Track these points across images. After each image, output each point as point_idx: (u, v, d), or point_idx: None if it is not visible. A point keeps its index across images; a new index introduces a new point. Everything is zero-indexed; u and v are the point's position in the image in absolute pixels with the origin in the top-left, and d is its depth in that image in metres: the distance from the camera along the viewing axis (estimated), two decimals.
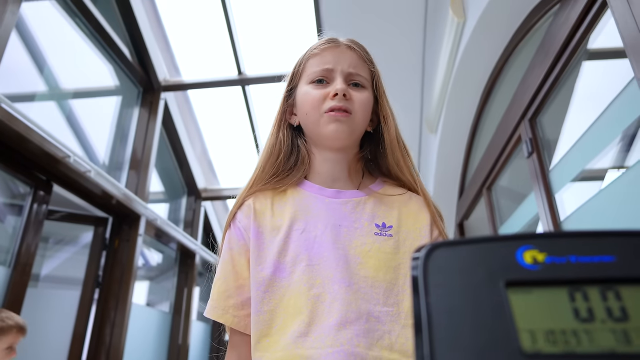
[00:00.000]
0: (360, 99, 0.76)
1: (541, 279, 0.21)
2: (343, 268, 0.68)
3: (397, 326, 0.66)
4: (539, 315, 0.20)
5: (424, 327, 0.21)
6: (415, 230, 0.75)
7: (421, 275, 0.23)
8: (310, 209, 0.75)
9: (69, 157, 2.41)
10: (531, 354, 0.19)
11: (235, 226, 0.77)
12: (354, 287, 0.67)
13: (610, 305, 0.20)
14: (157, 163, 3.75)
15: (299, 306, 0.67)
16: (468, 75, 2.49)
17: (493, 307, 0.21)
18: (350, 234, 0.72)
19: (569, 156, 1.65)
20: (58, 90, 2.90)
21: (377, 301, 0.67)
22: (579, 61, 1.59)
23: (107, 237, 3.09)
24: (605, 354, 0.19)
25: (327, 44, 0.80)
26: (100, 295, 2.95)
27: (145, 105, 3.63)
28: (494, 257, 0.23)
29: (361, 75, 0.79)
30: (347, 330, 0.63)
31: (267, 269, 0.71)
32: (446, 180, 3.23)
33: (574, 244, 0.22)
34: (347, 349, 0.62)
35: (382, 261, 0.70)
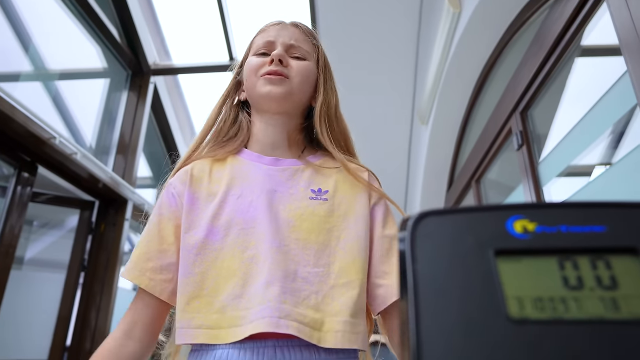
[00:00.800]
0: (298, 66, 0.79)
1: (531, 248, 0.21)
2: (275, 230, 0.70)
3: (325, 286, 0.68)
4: (528, 283, 0.20)
5: (409, 294, 0.20)
6: (352, 195, 0.76)
7: (409, 243, 0.22)
8: (248, 175, 0.77)
9: (55, 139, 2.37)
10: (518, 320, 0.19)
11: (169, 191, 0.78)
12: (284, 248, 0.69)
13: (600, 274, 0.20)
14: (145, 148, 3.71)
15: (233, 269, 0.69)
16: (461, 67, 2.49)
17: (481, 275, 0.20)
18: (285, 199, 0.74)
19: (558, 150, 1.66)
20: (44, 71, 2.84)
21: (307, 262, 0.69)
22: (571, 56, 1.60)
23: (93, 221, 3.05)
24: (593, 320, 0.18)
25: (275, 23, 0.85)
26: (86, 279, 2.93)
27: (134, 88, 3.57)
28: (484, 226, 0.22)
29: (302, 48, 0.82)
30: (274, 287, 0.65)
31: (199, 233, 0.72)
32: (436, 172, 3.24)
33: (565, 214, 0.22)
34: (274, 305, 0.64)
35: (315, 224, 0.72)
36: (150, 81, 3.63)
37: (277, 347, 0.64)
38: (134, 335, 0.71)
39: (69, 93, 3.03)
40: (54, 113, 2.84)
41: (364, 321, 0.69)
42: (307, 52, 0.82)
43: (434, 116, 2.89)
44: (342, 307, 0.67)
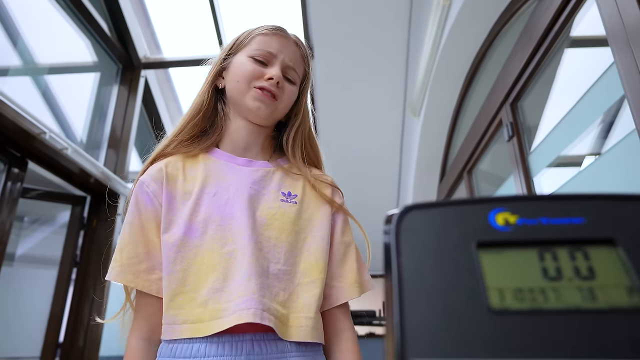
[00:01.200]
0: (288, 92, 0.83)
1: (512, 240, 0.21)
2: (252, 227, 0.73)
3: (291, 285, 0.73)
4: (509, 275, 0.21)
5: (394, 286, 0.21)
6: (317, 202, 0.82)
7: (393, 236, 0.23)
8: (222, 174, 0.79)
9: (45, 134, 2.35)
10: (499, 311, 0.19)
11: (143, 191, 0.77)
12: (259, 245, 0.73)
13: (578, 265, 0.20)
14: (137, 142, 3.69)
15: (212, 264, 0.71)
16: (452, 59, 2.50)
17: (464, 267, 0.21)
18: (258, 198, 0.77)
19: (548, 141, 1.67)
20: (33, 65, 2.80)
21: (277, 260, 0.73)
22: (561, 47, 1.61)
23: (85, 217, 3.04)
24: (570, 309, 0.19)
25: (277, 31, 0.85)
26: (78, 275, 2.91)
27: (125, 82, 3.54)
28: (467, 219, 0.23)
29: (296, 72, 0.85)
30: (254, 281, 0.68)
31: (178, 231, 0.73)
32: (428, 164, 3.26)
33: (546, 206, 0.22)
34: (257, 298, 0.67)
35: (285, 224, 0.76)
36: (141, 75, 3.60)
37: (254, 341, 0.68)
38: (154, 339, 0.74)
39: (59, 88, 3.00)
40: (44, 108, 2.81)
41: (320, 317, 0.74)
42: (298, 77, 0.86)
43: (426, 108, 2.90)
44: (305, 304, 0.72)
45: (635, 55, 1.02)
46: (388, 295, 0.21)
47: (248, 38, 0.85)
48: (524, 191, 1.73)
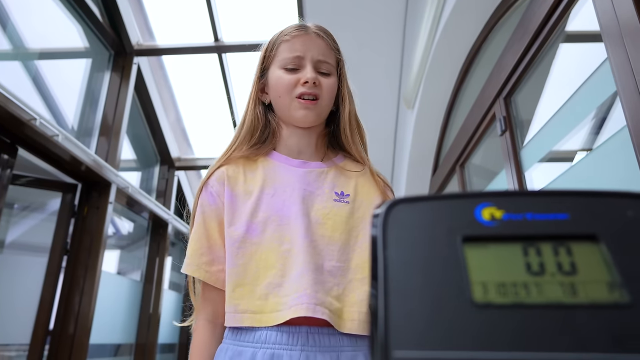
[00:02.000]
0: (327, 85, 0.85)
1: (497, 235, 0.22)
2: (307, 226, 0.78)
3: (344, 280, 0.77)
4: (493, 269, 0.21)
5: (379, 279, 0.21)
6: (369, 199, 0.85)
7: (380, 229, 0.23)
8: (279, 176, 0.84)
9: (35, 120, 2.32)
10: (482, 305, 0.19)
11: (208, 191, 0.84)
12: (313, 243, 0.77)
13: (561, 260, 0.21)
14: (129, 130, 3.66)
15: (272, 261, 0.77)
16: (447, 52, 2.50)
17: (449, 261, 0.21)
18: (313, 198, 0.82)
19: (540, 135, 1.68)
20: (23, 50, 2.76)
21: (331, 257, 0.77)
22: (555, 42, 1.61)
23: (76, 204, 3.02)
24: (551, 304, 0.19)
25: (297, 31, 0.86)
26: (69, 263, 2.90)
27: (117, 69, 3.50)
28: (453, 213, 0.23)
29: (329, 63, 0.86)
30: (307, 277, 0.74)
31: (240, 228, 0.79)
32: (421, 157, 3.27)
33: (531, 202, 0.23)
34: (310, 293, 0.72)
35: (338, 223, 0.80)
36: (134, 62, 3.56)
37: (309, 333, 0.73)
38: (218, 323, 0.81)
39: (49, 73, 2.96)
40: (34, 94, 2.77)
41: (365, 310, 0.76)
42: (332, 67, 0.87)
43: (420, 101, 2.90)
44: (358, 299, 0.76)
45: (629, 51, 1.03)
46: (373, 288, 0.21)
47: (274, 49, 0.88)
48: (516, 186, 1.75)
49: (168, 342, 4.43)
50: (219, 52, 3.63)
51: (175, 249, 4.80)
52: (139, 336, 3.74)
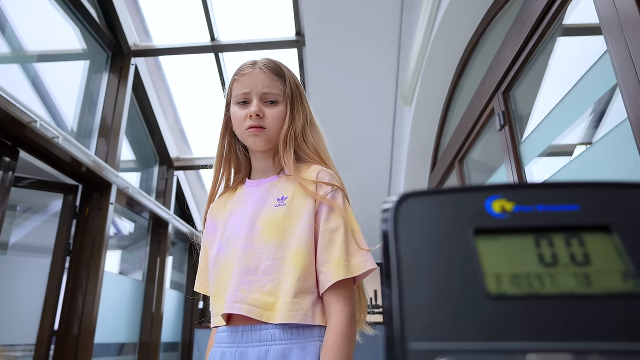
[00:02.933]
0: (272, 115, 0.97)
1: (508, 227, 0.22)
2: (247, 235, 0.90)
3: (279, 275, 0.86)
4: (505, 261, 0.21)
5: (392, 272, 0.21)
6: (304, 198, 0.91)
7: (391, 223, 0.23)
8: (242, 198, 0.99)
9: (36, 122, 2.32)
10: (496, 296, 0.20)
11: (206, 223, 1.04)
12: (250, 249, 0.89)
13: (573, 251, 0.21)
14: (128, 131, 3.65)
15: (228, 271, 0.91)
16: (444, 47, 2.49)
17: (461, 254, 0.21)
18: (260, 210, 0.93)
19: (539, 130, 1.68)
20: (21, 53, 2.76)
21: (267, 257, 0.87)
22: (553, 36, 1.61)
23: (77, 205, 3.02)
24: (565, 295, 0.19)
25: (246, 69, 0.99)
26: (71, 264, 2.91)
27: (115, 70, 3.50)
28: (464, 206, 0.23)
29: (273, 93, 0.97)
30: (234, 280, 0.87)
31: (214, 249, 0.96)
32: (419, 153, 3.27)
33: (541, 194, 0.23)
34: (232, 293, 0.86)
35: (274, 225, 0.89)
36: (131, 63, 3.56)
37: (244, 331, 0.85)
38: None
39: (48, 76, 2.95)
40: (33, 96, 2.77)
41: (307, 300, 0.84)
42: (277, 94, 0.98)
43: (417, 97, 2.90)
44: (285, 290, 0.84)
45: (629, 43, 1.03)
46: (387, 281, 0.21)
47: (230, 88, 1.01)
48: (516, 180, 1.75)
49: (171, 341, 4.44)
50: (216, 52, 3.63)
51: (175, 249, 4.80)
52: (142, 335, 3.75)
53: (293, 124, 0.98)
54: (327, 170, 0.95)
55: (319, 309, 0.85)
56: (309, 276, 0.85)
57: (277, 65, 1.01)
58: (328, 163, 0.99)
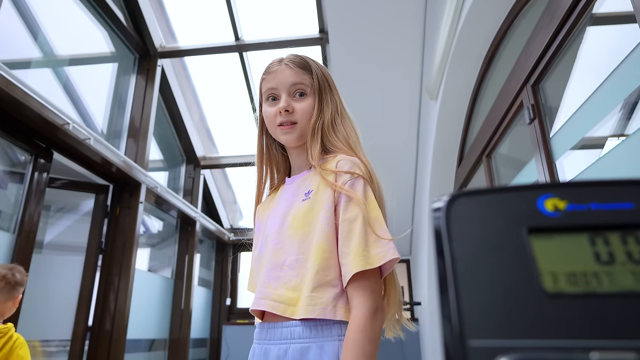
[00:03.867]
0: (301, 108, 0.97)
1: (563, 226, 0.22)
2: (278, 233, 0.91)
3: (304, 269, 0.85)
4: (561, 259, 0.21)
5: (448, 271, 0.22)
6: (325, 191, 0.89)
7: (444, 223, 0.23)
8: (281, 197, 0.99)
9: (68, 125, 2.40)
10: (553, 294, 0.20)
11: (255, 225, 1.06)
12: (279, 245, 0.90)
13: (630, 249, 0.21)
14: (155, 131, 3.73)
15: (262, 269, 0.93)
16: (470, 41, 2.46)
17: (515, 252, 0.22)
18: (290, 206, 0.94)
19: (571, 123, 1.64)
20: (53, 57, 2.85)
21: (292, 252, 0.87)
22: (584, 26, 1.57)
23: (109, 205, 3.10)
24: (624, 293, 0.20)
25: (272, 68, 1.00)
26: (104, 262, 2.99)
27: (142, 72, 3.57)
28: (516, 205, 0.23)
29: (301, 84, 0.97)
30: (262, 277, 0.90)
31: (256, 250, 0.98)
32: (445, 148, 3.23)
33: (595, 192, 0.23)
34: (259, 290, 0.89)
35: (299, 220, 0.89)
36: (158, 64, 3.63)
37: (268, 328, 0.86)
38: None
39: (78, 79, 3.04)
40: (65, 99, 2.86)
41: (327, 294, 0.82)
42: (306, 86, 0.98)
43: (443, 91, 2.86)
44: (306, 284, 0.83)
45: None
46: (442, 280, 0.22)
47: (260, 87, 1.02)
48: (546, 175, 1.71)
49: (200, 337, 4.52)
50: (240, 51, 3.67)
51: (203, 246, 4.88)
52: (172, 331, 3.83)
53: (321, 115, 0.98)
54: (349, 158, 0.91)
55: (342, 304, 0.81)
56: (329, 269, 0.83)
57: (303, 59, 1.01)
58: (358, 153, 0.96)
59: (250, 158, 1.12)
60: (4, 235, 2.21)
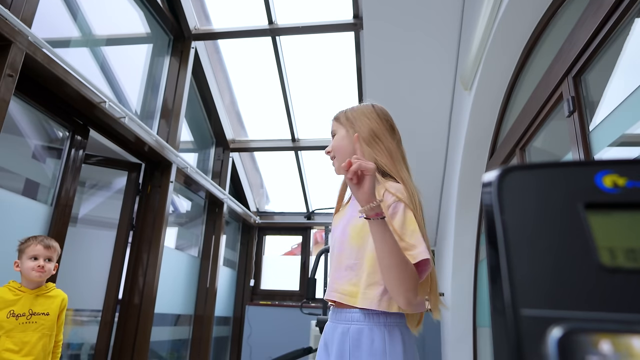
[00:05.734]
0: (335, 145, 1.26)
1: (622, 202, 0.21)
2: (341, 241, 1.18)
3: (359, 271, 1.12)
4: (619, 236, 0.21)
5: (499, 244, 0.21)
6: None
7: (495, 196, 0.23)
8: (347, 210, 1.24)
9: (105, 103, 2.46)
10: (611, 269, 0.19)
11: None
12: (342, 251, 1.17)
13: None
14: (187, 113, 3.79)
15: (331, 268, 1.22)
16: (510, 30, 2.38)
17: (571, 227, 0.21)
18: (350, 220, 1.18)
19: (612, 118, 1.58)
20: (91, 37, 2.91)
21: (350, 257, 1.14)
22: (632, 17, 1.50)
23: (140, 183, 3.18)
24: None
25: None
26: (134, 238, 3.08)
27: (176, 54, 3.62)
28: (572, 180, 0.23)
29: (334, 130, 1.28)
30: (332, 275, 1.19)
31: (329, 252, 1.26)
32: (477, 140, 3.17)
33: None
34: (331, 284, 1.18)
35: (356, 232, 1.14)
36: (192, 46, 3.67)
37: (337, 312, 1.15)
38: None
39: (114, 59, 3.11)
40: (101, 78, 2.93)
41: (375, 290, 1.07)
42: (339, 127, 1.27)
43: (478, 82, 2.80)
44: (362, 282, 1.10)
45: None
46: (492, 252, 0.22)
47: None
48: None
49: (224, 315, 4.63)
50: (273, 35, 3.67)
51: (229, 228, 4.96)
52: (197, 308, 3.93)
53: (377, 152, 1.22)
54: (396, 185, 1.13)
55: (386, 299, 1.06)
56: (377, 272, 1.07)
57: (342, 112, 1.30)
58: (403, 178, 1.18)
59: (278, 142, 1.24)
60: (42, 207, 2.30)
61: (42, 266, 1.80)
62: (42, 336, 1.78)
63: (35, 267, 1.79)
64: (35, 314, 1.78)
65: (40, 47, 2.03)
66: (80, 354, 3.00)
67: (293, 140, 4.47)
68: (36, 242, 1.83)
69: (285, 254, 5.72)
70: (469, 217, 3.35)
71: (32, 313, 1.77)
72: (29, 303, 1.78)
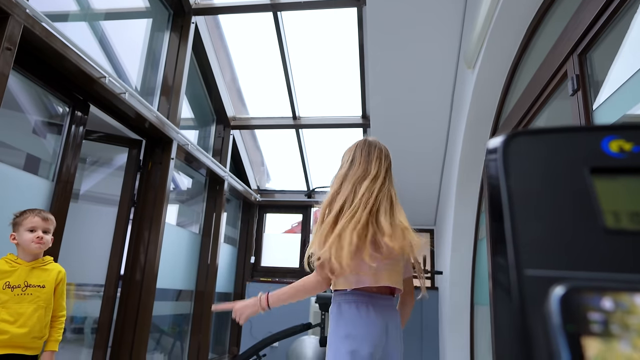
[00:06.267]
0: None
1: (628, 167, 0.21)
2: None
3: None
4: (624, 199, 0.21)
5: (504, 206, 0.21)
6: None
7: (501, 160, 0.23)
8: None
9: (105, 78, 2.44)
10: (614, 231, 0.20)
11: None
12: None
13: None
14: (187, 90, 3.76)
15: None
16: (515, 7, 2.34)
17: (577, 191, 0.21)
18: None
19: (616, 96, 1.57)
20: (90, 11, 2.87)
21: None
22: None
23: (141, 160, 3.18)
24: None
25: None
26: (135, 215, 3.10)
27: (176, 29, 3.57)
28: (578, 145, 0.23)
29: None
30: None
31: None
32: (479, 119, 3.15)
33: None
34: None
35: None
36: (192, 21, 3.61)
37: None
38: None
39: (113, 34, 3.06)
40: (100, 53, 2.89)
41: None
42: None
43: (482, 60, 2.76)
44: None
45: None
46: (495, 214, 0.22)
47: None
48: None
49: (224, 292, 4.69)
50: (275, 10, 3.61)
51: (230, 205, 4.98)
52: (198, 284, 3.98)
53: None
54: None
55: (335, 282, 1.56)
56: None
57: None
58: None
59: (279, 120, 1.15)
60: (44, 182, 2.31)
61: (40, 237, 1.82)
62: (38, 308, 1.80)
63: (34, 239, 1.80)
64: (30, 286, 1.80)
65: (39, 20, 2.00)
66: (83, 328, 3.05)
67: (294, 118, 4.45)
68: (33, 214, 1.84)
69: (285, 232, 5.76)
70: (470, 196, 3.35)
71: (27, 285, 1.79)
72: (24, 275, 1.80)
